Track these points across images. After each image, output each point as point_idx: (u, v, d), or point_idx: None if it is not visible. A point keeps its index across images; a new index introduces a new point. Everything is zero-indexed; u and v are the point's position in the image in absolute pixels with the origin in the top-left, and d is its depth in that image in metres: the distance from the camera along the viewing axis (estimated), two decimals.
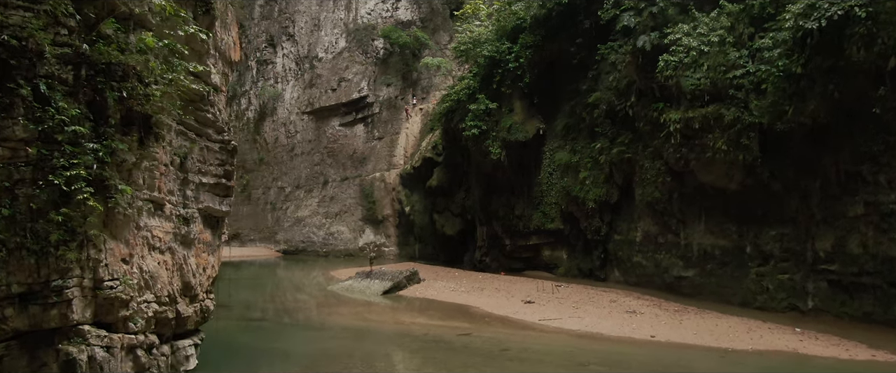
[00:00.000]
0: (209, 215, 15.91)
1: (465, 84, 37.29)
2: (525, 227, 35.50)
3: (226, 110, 16.62)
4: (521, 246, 36.31)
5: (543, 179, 34.78)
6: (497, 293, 28.03)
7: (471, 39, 37.01)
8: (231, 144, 16.19)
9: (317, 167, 54.83)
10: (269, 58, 59.37)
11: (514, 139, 34.27)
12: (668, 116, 25.75)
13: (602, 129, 30.99)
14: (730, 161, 23.56)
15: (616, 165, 30.21)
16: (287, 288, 34.41)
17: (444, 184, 43.39)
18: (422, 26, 51.86)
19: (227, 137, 16.19)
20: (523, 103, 34.92)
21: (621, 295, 26.55)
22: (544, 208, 34.66)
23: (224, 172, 16.11)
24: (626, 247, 30.45)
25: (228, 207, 16.43)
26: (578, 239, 33.55)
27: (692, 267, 26.76)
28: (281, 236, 55.95)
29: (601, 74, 31.43)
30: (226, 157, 16.13)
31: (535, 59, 33.87)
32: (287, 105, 57.46)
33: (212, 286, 16.27)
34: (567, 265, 34.39)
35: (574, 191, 32.43)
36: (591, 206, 31.46)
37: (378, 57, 52.58)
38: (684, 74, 24.71)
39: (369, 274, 31.56)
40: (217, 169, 15.91)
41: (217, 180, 15.89)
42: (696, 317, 21.83)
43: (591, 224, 32.02)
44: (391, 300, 28.08)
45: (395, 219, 49.99)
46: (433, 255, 45.77)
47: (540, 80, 34.26)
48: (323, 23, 55.90)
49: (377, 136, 51.96)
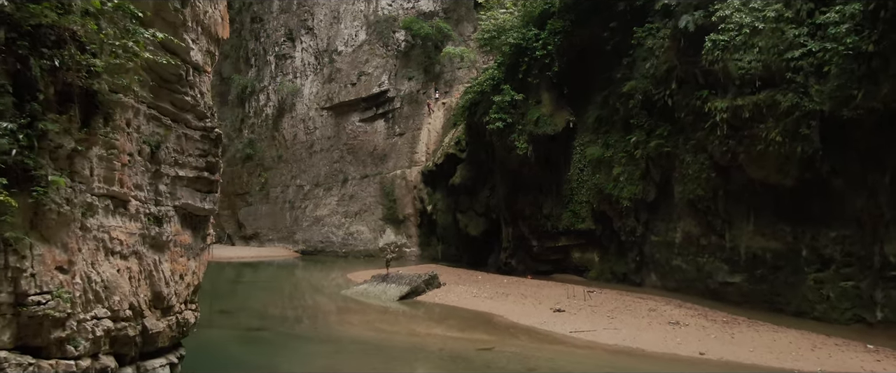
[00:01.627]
0: (189, 214, 13.79)
1: (490, 74, 34.95)
2: (553, 227, 33.12)
3: (210, 93, 14.48)
4: (549, 248, 33.92)
5: (573, 176, 32.34)
6: (523, 300, 25.67)
7: (495, 27, 34.62)
8: (215, 132, 14.05)
9: (336, 165, 52.89)
10: (287, 52, 57.60)
11: (542, 133, 31.87)
12: (714, 104, 23.22)
13: (638, 120, 28.49)
14: (785, 154, 20.98)
15: (653, 160, 27.73)
16: (299, 292, 32.41)
17: (467, 181, 41.17)
18: (444, 17, 49.66)
19: (210, 123, 14.06)
20: (552, 94, 32.47)
21: (660, 303, 24.03)
22: (574, 207, 32.25)
23: (206, 165, 13.98)
24: (664, 249, 27.94)
25: (213, 204, 14.29)
26: (611, 240, 31.12)
27: (739, 272, 24.17)
28: (299, 236, 54.10)
29: (637, 61, 28.92)
30: (208, 146, 14.00)
31: (565, 46, 31.40)
32: (306, 101, 55.61)
33: (194, 295, 14.16)
34: (599, 269, 31.94)
35: (607, 188, 30.01)
36: (626, 204, 29.03)
37: (399, 50, 50.47)
38: (732, 57, 22.15)
39: (386, 277, 29.40)
40: (198, 161, 13.78)
41: (198, 174, 13.77)
42: (748, 330, 19.27)
43: (625, 224, 29.57)
44: (408, 307, 25.89)
45: (417, 218, 47.83)
46: (456, 256, 43.54)
47: (570, 68, 31.79)
48: (342, 15, 53.95)
49: (398, 132, 49.85)
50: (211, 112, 14.21)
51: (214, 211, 14.58)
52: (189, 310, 13.86)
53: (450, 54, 45.86)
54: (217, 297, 29.57)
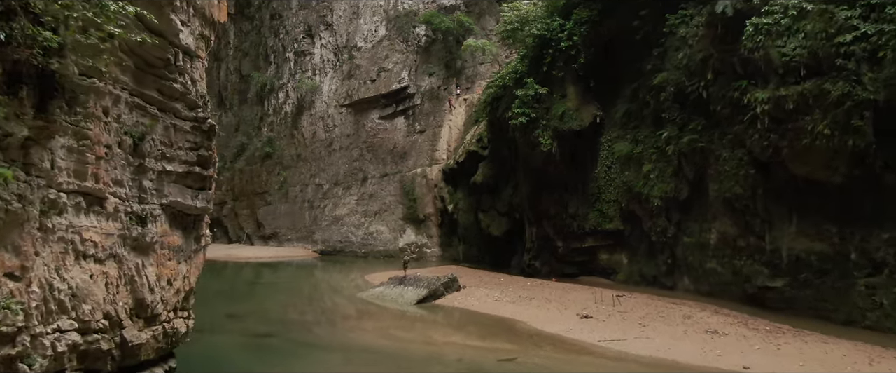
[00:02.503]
0: (179, 214, 12.56)
1: (512, 67, 33.47)
2: (579, 227, 31.58)
3: (204, 82, 13.23)
4: (574, 249, 32.40)
5: (600, 174, 30.78)
6: (548, 304, 24.19)
7: (518, 18, 33.13)
8: (207, 124, 12.81)
9: (355, 163, 51.72)
10: (306, 49, 56.58)
11: (567, 128, 30.35)
12: (754, 95, 21.56)
13: (669, 114, 26.86)
14: (833, 148, 19.28)
15: (686, 157, 26.09)
16: (314, 294, 31.25)
17: (489, 180, 39.75)
18: (466, 11, 48.23)
19: (203, 113, 12.81)
20: (577, 88, 30.93)
21: (695, 309, 22.39)
22: (601, 207, 30.71)
23: (198, 159, 12.75)
24: (697, 251, 26.28)
25: (206, 202, 13.04)
26: (641, 241, 29.54)
27: (781, 276, 22.46)
28: (318, 236, 53.04)
29: (668, 51, 27.27)
30: (200, 139, 12.77)
31: (592, 37, 29.85)
32: (325, 98, 54.54)
33: (185, 302, 12.94)
34: (628, 271, 30.38)
35: (636, 187, 28.43)
36: (657, 203, 27.42)
37: (419, 45, 49.15)
38: (775, 44, 20.49)
39: (403, 280, 28.09)
40: (188, 154, 12.56)
41: (188, 169, 12.54)
42: (795, 340, 17.61)
43: (655, 224, 27.96)
44: (426, 311, 24.55)
45: (438, 218, 46.47)
46: (478, 257, 42.12)
47: (596, 60, 30.22)
48: (362, 10, 52.77)
49: (418, 129, 48.53)
50: (204, 101, 12.97)
51: (208, 210, 13.34)
52: (180, 318, 12.65)
53: (471, 48, 44.39)
54: (229, 299, 28.55)
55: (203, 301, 29.19)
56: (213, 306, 26.80)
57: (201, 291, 29.55)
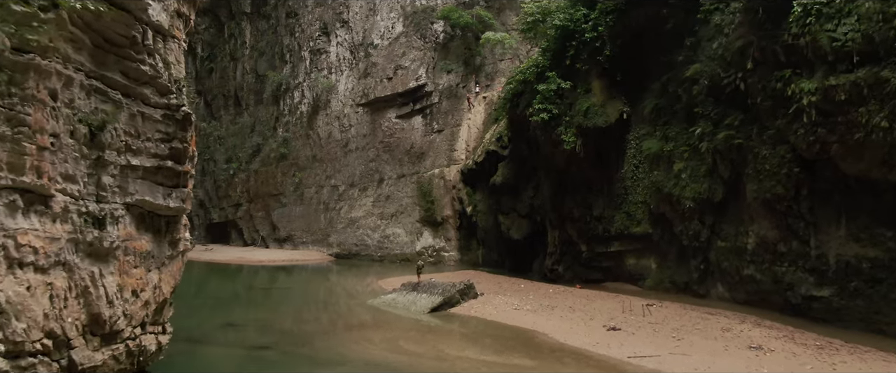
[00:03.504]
0: (149, 214, 10.98)
1: (533, 61, 31.66)
2: (605, 230, 29.74)
3: (181, 65, 11.64)
4: (599, 253, 30.56)
5: (628, 174, 28.90)
6: (571, 314, 22.35)
7: (539, 10, 31.32)
8: (181, 111, 11.23)
9: (372, 164, 50.16)
10: (322, 47, 55.18)
11: (592, 125, 28.53)
12: (799, 86, 19.64)
13: (703, 109, 24.95)
14: (892, 143, 17.29)
15: (721, 154, 24.17)
16: (323, 300, 29.65)
17: (509, 180, 38.00)
18: (486, 6, 46.49)
19: (176, 100, 11.23)
20: (603, 82, 29.07)
21: (734, 320, 20.44)
22: (628, 208, 28.85)
23: (171, 152, 11.17)
24: (733, 256, 24.33)
25: (181, 201, 11.46)
26: (671, 245, 27.64)
27: (828, 284, 20.49)
28: (334, 239, 51.53)
29: (702, 41, 25.40)
30: (173, 129, 11.19)
31: (618, 28, 27.99)
32: (341, 97, 53.06)
33: (158, 315, 11.35)
34: (656, 277, 28.46)
35: (666, 187, 26.53)
36: (689, 205, 25.52)
37: (437, 41, 47.48)
38: (824, 28, 18.51)
39: (416, 286, 26.41)
40: (159, 147, 10.99)
41: (158, 163, 10.98)
42: (851, 358, 15.63)
43: (687, 228, 26.05)
44: (440, 320, 22.84)
45: (456, 220, 44.74)
46: (498, 261, 40.36)
47: (623, 52, 28.34)
48: (379, 6, 51.23)
49: (436, 128, 46.84)
50: (178, 87, 11.38)
51: (184, 210, 11.75)
52: (150, 333, 11.06)
53: (489, 41, 42.56)
54: (232, 306, 27.11)
55: (204, 308, 27.90)
56: (214, 313, 25.40)
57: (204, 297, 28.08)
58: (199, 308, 27.40)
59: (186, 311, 26.40)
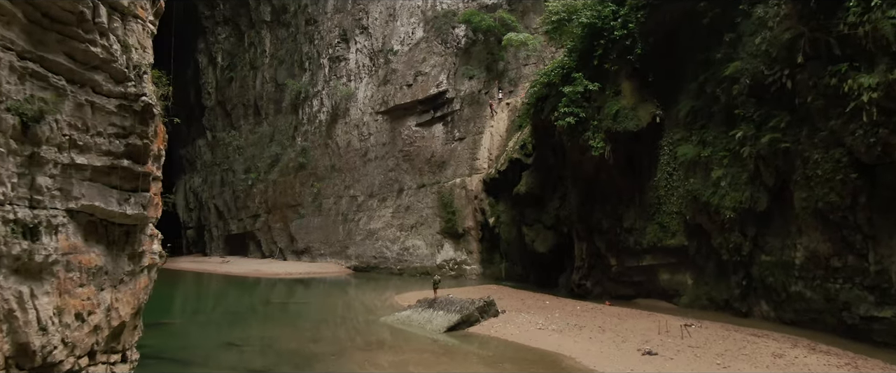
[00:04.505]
0: (101, 223, 9.28)
1: (559, 62, 29.77)
2: (636, 243, 27.66)
3: (148, 52, 9.98)
4: (630, 268, 28.46)
5: (661, 182, 26.83)
6: (601, 335, 20.31)
7: (564, 8, 29.45)
8: (141, 102, 9.57)
9: (391, 173, 48.48)
10: (341, 54, 53.83)
11: (622, 129, 26.54)
12: (857, 81, 17.54)
13: (745, 110, 22.84)
14: None
15: (765, 160, 22.03)
16: (334, 317, 27.91)
17: (534, 190, 36.05)
18: (509, 9, 44.70)
19: (135, 89, 9.55)
20: (633, 83, 27.10)
21: (784, 344, 18.25)
22: (662, 219, 26.75)
23: (127, 149, 9.50)
24: (779, 271, 22.13)
25: (141, 208, 9.77)
26: (709, 259, 25.47)
27: (891, 304, 18.26)
28: (352, 251, 49.86)
29: (743, 37, 23.33)
30: (131, 122, 9.52)
31: (650, 24, 26.04)
32: (360, 105, 51.57)
33: (114, 342, 9.63)
34: (693, 294, 26.28)
35: (704, 196, 24.43)
36: (729, 215, 23.36)
37: (459, 46, 45.79)
38: (887, 15, 16.43)
39: (433, 303, 24.56)
40: (113, 143, 9.31)
41: (112, 162, 9.30)
42: None
43: (727, 240, 23.88)
44: (457, 340, 20.94)
45: (478, 232, 42.82)
46: (522, 275, 38.37)
47: (655, 51, 26.37)
48: (399, 12, 49.76)
49: (458, 136, 45.06)
50: (138, 74, 9.69)
51: (147, 219, 10.06)
52: (102, 364, 9.34)
53: (512, 42, 40.70)
54: (237, 322, 25.51)
55: (210, 325, 26.32)
56: (220, 330, 23.84)
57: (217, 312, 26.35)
58: (204, 325, 25.92)
59: (191, 329, 25.04)
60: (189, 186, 71.80)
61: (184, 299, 36.23)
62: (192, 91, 73.59)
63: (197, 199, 69.98)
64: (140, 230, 10.13)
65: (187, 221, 72.00)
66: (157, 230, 10.70)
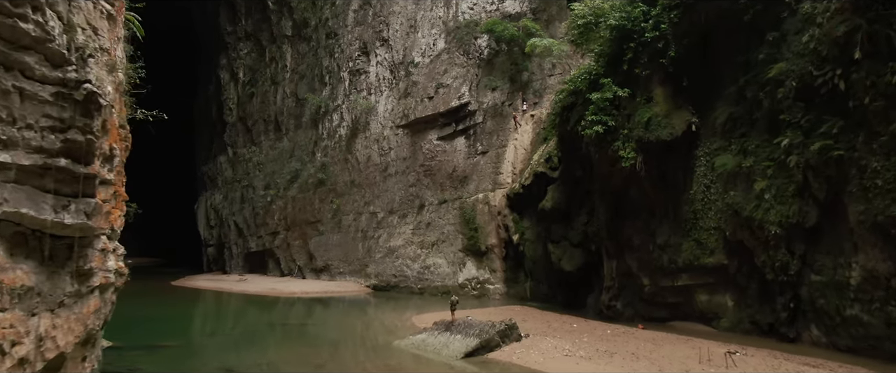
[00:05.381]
0: (34, 234, 7.69)
1: (586, 68, 28.01)
2: (671, 261, 25.66)
3: (104, 36, 8.45)
4: (664, 288, 26.44)
5: (697, 195, 24.85)
6: (635, 363, 18.34)
7: (591, 11, 27.71)
8: (84, 89, 8.00)
9: (412, 189, 46.84)
10: (362, 67, 52.56)
11: (655, 138, 24.68)
12: None
13: (791, 115, 20.89)
14: None
15: (815, 169, 20.09)
16: (347, 339, 26.25)
17: (560, 205, 34.15)
18: (533, 18, 43.06)
19: (76, 74, 7.99)
20: (666, 89, 25.26)
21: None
22: (699, 236, 24.78)
23: (65, 146, 7.93)
24: (832, 293, 20.12)
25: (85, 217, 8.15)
26: (751, 279, 23.50)
27: None
28: (372, 269, 48.15)
29: (788, 35, 21.43)
30: (70, 114, 8.02)
31: (684, 25, 24.23)
32: (380, 119, 50.14)
33: None
34: (734, 316, 24.24)
35: (745, 210, 22.48)
36: (774, 231, 21.39)
37: (481, 57, 44.21)
38: None
39: (450, 326, 22.74)
40: (46, 138, 7.78)
41: (44, 161, 7.76)
42: None
43: (772, 258, 21.90)
44: (475, 368, 19.14)
45: (502, 250, 40.90)
46: (548, 295, 36.36)
47: (690, 53, 24.55)
48: (420, 23, 48.39)
49: (480, 150, 43.34)
50: (82, 57, 8.14)
51: (93, 230, 8.44)
52: None
53: (535, 47, 38.93)
54: (241, 345, 23.96)
55: (208, 349, 24.62)
56: (217, 355, 22.22)
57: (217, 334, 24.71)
58: (205, 349, 24.41)
59: (191, 352, 23.48)
60: (210, 203, 70.95)
61: (191, 319, 34.82)
62: (213, 107, 73.16)
63: (217, 216, 69.04)
64: (88, 244, 8.57)
65: (208, 238, 71.07)
66: (114, 244, 9.14)
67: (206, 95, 76.19)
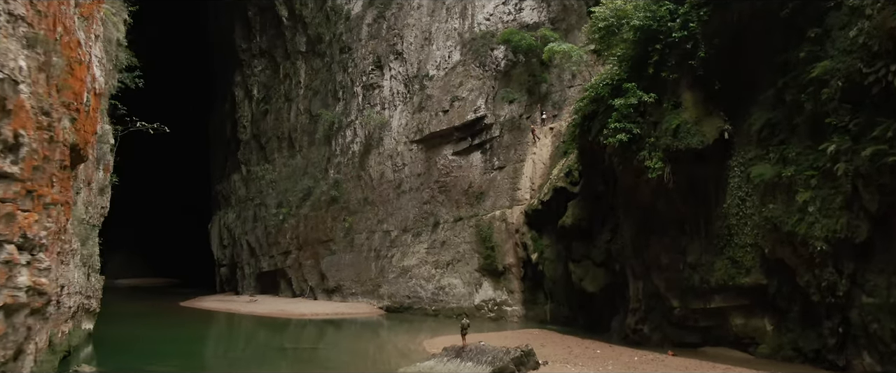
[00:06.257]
0: None
1: (607, 73, 26.17)
2: (703, 282, 23.64)
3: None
4: (696, 310, 24.37)
5: (731, 209, 22.85)
6: None
7: (613, 12, 25.93)
8: None
9: (426, 206, 45.04)
10: (375, 81, 51.15)
11: (684, 147, 22.80)
12: None
13: (838, 118, 18.90)
14: None
15: (866, 178, 18.11)
16: (348, 365, 24.40)
17: (581, 222, 32.28)
18: (552, 27, 41.38)
19: None
20: (696, 93, 23.38)
21: None
22: (733, 253, 22.82)
23: None
24: (886, 316, 18.14)
25: None
26: (794, 301, 21.50)
27: None
28: (385, 290, 46.26)
29: (832, 31, 19.49)
30: None
31: (714, 24, 22.44)
32: (394, 134, 48.56)
33: None
34: (774, 342, 22.20)
35: (786, 225, 20.49)
36: (819, 248, 19.38)
37: (498, 69, 42.59)
38: None
39: (461, 352, 20.84)
40: None
41: None
42: None
43: (817, 277, 19.92)
44: None
45: (520, 269, 38.87)
46: (569, 318, 34.30)
47: (722, 54, 22.72)
48: (434, 35, 46.95)
49: (497, 165, 41.52)
50: None
51: None
52: None
53: (554, 53, 37.18)
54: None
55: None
56: None
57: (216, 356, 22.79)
58: None
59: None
60: (223, 222, 69.74)
61: (192, 341, 33.14)
62: (228, 125, 72.38)
63: (231, 235, 67.78)
64: None
65: (221, 258, 69.78)
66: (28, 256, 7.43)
67: (221, 113, 75.48)
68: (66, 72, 14.10)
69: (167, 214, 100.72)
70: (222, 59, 75.62)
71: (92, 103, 15.74)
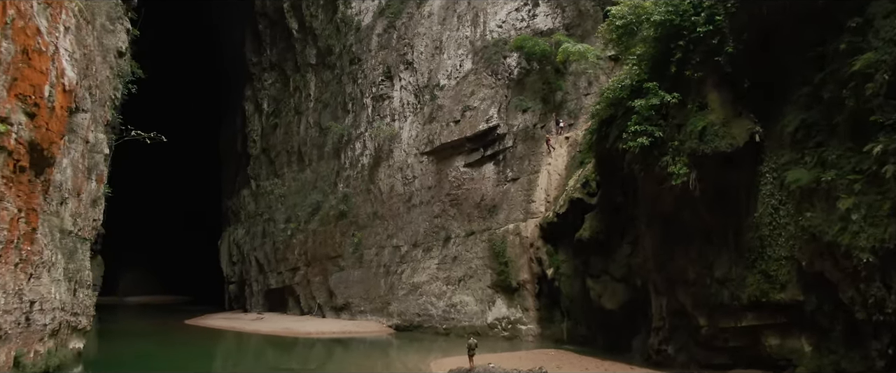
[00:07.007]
0: None
1: (627, 72, 24.53)
2: (733, 298, 21.74)
3: None
4: (725, 329, 22.45)
5: (763, 218, 20.97)
6: None
7: (631, 10, 24.32)
8: None
9: (437, 220, 43.40)
10: (385, 92, 49.88)
11: (711, 151, 21.00)
12: None
13: (884, 116, 17.06)
14: None
15: None
16: None
17: (599, 235, 30.55)
18: (567, 33, 39.85)
19: None
20: (723, 93, 21.61)
21: None
22: (766, 267, 20.88)
23: None
24: None
25: None
26: (836, 319, 19.43)
27: None
28: (394, 307, 44.57)
29: (875, 20, 17.69)
30: None
31: (743, 17, 20.68)
32: (404, 146, 47.12)
33: None
34: (813, 364, 20.18)
35: (827, 234, 18.53)
36: (865, 259, 17.41)
37: (511, 77, 41.11)
38: None
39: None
40: None
41: None
42: None
43: (863, 293, 17.89)
44: None
45: (535, 286, 37.05)
46: (587, 337, 32.45)
47: (751, 50, 20.94)
48: (445, 44, 45.62)
49: (510, 176, 39.85)
50: None
51: None
52: None
53: (568, 54, 35.56)
54: None
55: None
56: None
57: None
58: None
59: None
60: (232, 238, 68.67)
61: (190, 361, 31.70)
62: (238, 140, 71.71)
63: (239, 251, 66.63)
64: None
65: (230, 275, 68.65)
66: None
67: (232, 128, 74.92)
68: (21, 61, 12.62)
69: (180, 231, 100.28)
70: (233, 74, 75.19)
71: (58, 100, 14.31)
